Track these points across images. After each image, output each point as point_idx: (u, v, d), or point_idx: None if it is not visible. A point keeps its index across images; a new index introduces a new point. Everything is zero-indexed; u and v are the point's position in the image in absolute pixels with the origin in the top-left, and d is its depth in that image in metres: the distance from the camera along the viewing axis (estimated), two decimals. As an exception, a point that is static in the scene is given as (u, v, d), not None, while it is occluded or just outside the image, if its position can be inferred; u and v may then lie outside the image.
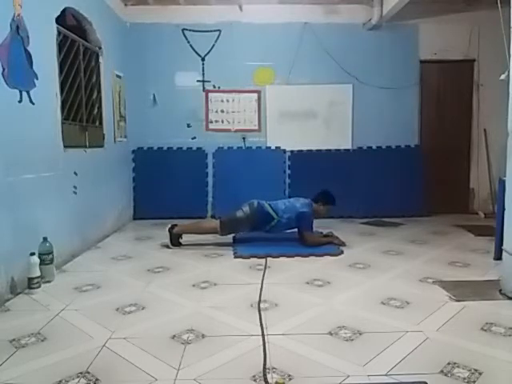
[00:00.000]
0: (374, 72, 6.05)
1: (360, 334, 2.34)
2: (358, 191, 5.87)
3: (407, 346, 2.19)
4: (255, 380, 1.89)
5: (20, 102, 3.10)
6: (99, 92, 4.80)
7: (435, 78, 6.17)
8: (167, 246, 4.25)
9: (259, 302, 2.81)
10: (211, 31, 5.95)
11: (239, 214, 4.25)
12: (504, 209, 3.00)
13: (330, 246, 4.19)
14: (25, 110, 3.16)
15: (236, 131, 6.11)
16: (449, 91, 6.16)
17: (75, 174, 4.01)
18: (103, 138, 4.90)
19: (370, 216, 5.79)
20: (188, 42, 5.97)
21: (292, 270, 3.56)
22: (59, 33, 3.82)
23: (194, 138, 6.08)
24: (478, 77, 6.12)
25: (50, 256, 3.20)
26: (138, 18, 5.86)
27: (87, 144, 4.43)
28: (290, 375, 1.92)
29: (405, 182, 5.97)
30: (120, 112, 5.51)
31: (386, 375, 1.92)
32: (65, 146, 3.81)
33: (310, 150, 6.09)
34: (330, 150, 6.11)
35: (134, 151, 6.01)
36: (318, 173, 5.89)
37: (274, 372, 1.94)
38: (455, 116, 6.19)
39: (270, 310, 2.70)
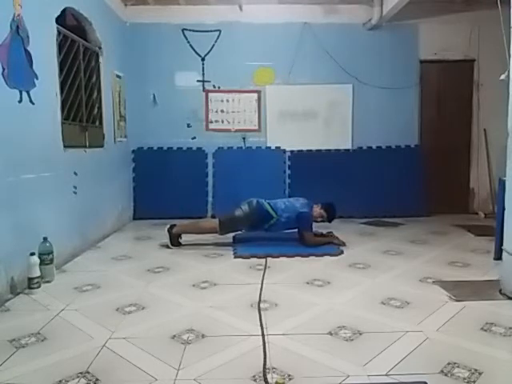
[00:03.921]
0: (374, 72, 6.05)
1: (360, 333, 2.34)
2: (358, 191, 5.87)
3: (407, 345, 2.19)
4: (255, 380, 1.89)
5: (20, 102, 3.10)
6: (99, 92, 4.80)
7: (435, 78, 6.17)
8: (167, 246, 4.25)
9: (259, 302, 2.81)
10: (211, 31, 5.95)
11: (238, 212, 4.25)
12: (504, 209, 3.00)
13: (329, 246, 4.19)
14: (25, 110, 3.16)
15: (236, 131, 6.11)
16: (449, 91, 6.16)
17: (75, 174, 4.01)
18: (103, 138, 4.90)
19: (370, 216, 5.79)
20: (188, 42, 5.97)
21: (292, 270, 3.56)
22: (59, 33, 3.82)
23: (194, 138, 6.08)
24: (478, 77, 6.12)
25: (50, 256, 3.20)
26: (138, 18, 5.86)
27: (87, 144, 4.43)
28: (289, 375, 1.92)
29: (405, 182, 5.97)
30: (120, 112, 5.51)
31: (386, 375, 1.92)
32: (65, 146, 3.81)
33: (310, 150, 6.09)
34: (329, 150, 6.11)
35: (134, 151, 6.01)
36: (318, 173, 5.90)
37: (273, 372, 1.94)
38: (455, 116, 6.19)
39: (270, 309, 2.70)
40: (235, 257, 3.93)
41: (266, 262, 3.75)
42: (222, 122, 6.11)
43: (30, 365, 2.04)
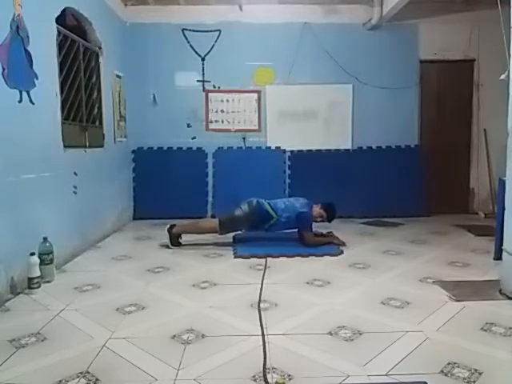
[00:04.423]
0: (374, 72, 6.05)
1: (360, 333, 2.34)
2: (358, 191, 5.87)
3: (407, 346, 2.19)
4: (255, 380, 1.89)
5: (20, 102, 3.10)
6: (99, 92, 4.80)
7: (435, 78, 6.17)
8: (167, 246, 4.25)
9: (259, 302, 2.81)
10: (211, 31, 5.95)
11: (238, 212, 4.25)
12: (504, 209, 3.00)
13: (329, 246, 4.19)
14: (25, 110, 3.16)
15: (236, 131, 6.11)
16: (449, 91, 6.16)
17: (75, 174, 4.01)
18: (103, 138, 4.90)
19: (370, 216, 5.79)
20: (188, 41, 5.97)
21: (292, 270, 3.56)
22: (59, 33, 3.82)
23: (194, 138, 6.08)
24: (478, 77, 6.12)
25: (50, 256, 3.20)
26: (138, 18, 5.86)
27: (87, 144, 4.43)
28: (290, 375, 1.92)
29: (405, 182, 5.97)
30: (120, 112, 5.51)
31: (386, 375, 1.92)
32: (65, 146, 3.81)
33: (310, 150, 6.09)
34: (329, 150, 6.11)
35: (134, 151, 6.01)
36: (318, 173, 5.90)
37: (274, 372, 1.94)
38: (455, 116, 6.19)
39: (270, 310, 2.70)
40: (235, 257, 3.93)
41: (266, 262, 3.75)
42: (222, 122, 6.11)
43: (29, 365, 2.04)
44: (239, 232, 4.53)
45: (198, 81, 6.03)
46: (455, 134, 6.19)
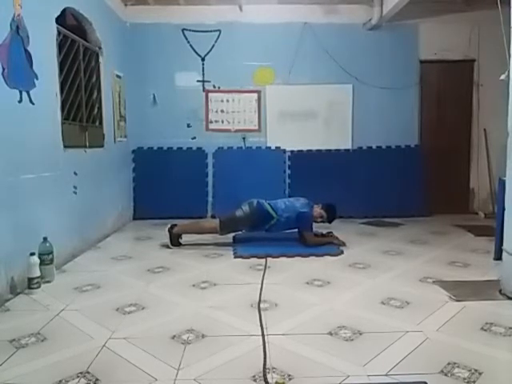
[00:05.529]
0: (374, 72, 6.05)
1: (360, 333, 2.34)
2: (358, 191, 5.87)
3: (407, 346, 2.19)
4: (255, 380, 1.89)
5: (20, 102, 3.10)
6: (99, 92, 4.80)
7: (435, 78, 6.17)
8: (167, 246, 4.25)
9: (259, 301, 2.81)
10: (211, 31, 5.95)
11: (239, 213, 4.25)
12: (504, 209, 3.00)
13: (329, 246, 4.19)
14: (25, 110, 3.16)
15: (236, 131, 6.11)
16: (449, 91, 6.16)
17: (75, 174, 4.01)
18: (103, 138, 4.90)
19: (370, 216, 5.79)
20: (188, 42, 5.97)
21: (292, 270, 3.56)
22: (59, 33, 3.82)
23: (194, 138, 6.08)
24: (478, 77, 6.12)
25: (50, 256, 3.20)
26: (138, 18, 5.86)
27: (87, 144, 4.43)
28: (290, 375, 1.92)
29: (405, 182, 5.97)
30: (120, 112, 5.51)
31: (386, 375, 1.92)
32: (65, 146, 3.81)
33: (310, 150, 6.09)
34: (330, 150, 6.11)
35: (134, 151, 6.01)
36: (318, 173, 5.90)
37: (274, 372, 1.94)
38: (455, 116, 6.19)
39: (270, 310, 2.70)
40: (235, 257, 3.93)
41: (266, 262, 3.75)
42: (222, 122, 6.11)
43: (29, 365, 2.04)
44: (239, 232, 4.53)
45: (198, 81, 6.03)
46: (455, 134, 6.19)
